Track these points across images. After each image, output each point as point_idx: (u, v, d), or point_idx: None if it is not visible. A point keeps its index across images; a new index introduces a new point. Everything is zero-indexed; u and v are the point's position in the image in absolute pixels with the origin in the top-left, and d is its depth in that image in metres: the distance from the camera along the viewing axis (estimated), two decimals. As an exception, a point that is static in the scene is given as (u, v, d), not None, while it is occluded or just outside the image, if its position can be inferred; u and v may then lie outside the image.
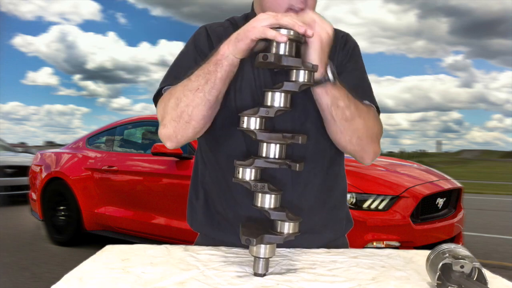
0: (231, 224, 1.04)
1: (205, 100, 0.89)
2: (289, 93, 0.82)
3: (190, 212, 1.13)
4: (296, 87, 0.81)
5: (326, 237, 1.08)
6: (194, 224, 1.12)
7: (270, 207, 0.81)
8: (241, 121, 0.81)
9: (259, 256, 0.81)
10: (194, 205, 1.12)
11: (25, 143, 52.62)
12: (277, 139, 0.81)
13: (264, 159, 0.81)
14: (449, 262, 0.74)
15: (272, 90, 0.82)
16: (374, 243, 3.01)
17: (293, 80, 0.81)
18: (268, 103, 0.82)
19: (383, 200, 3.13)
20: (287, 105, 0.82)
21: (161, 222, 3.93)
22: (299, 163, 0.83)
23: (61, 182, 4.81)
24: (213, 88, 0.88)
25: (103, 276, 0.78)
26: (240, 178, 0.82)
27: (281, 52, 0.80)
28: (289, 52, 0.80)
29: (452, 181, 3.88)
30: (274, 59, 0.78)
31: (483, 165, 75.47)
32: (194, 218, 1.12)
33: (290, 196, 1.01)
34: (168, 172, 3.86)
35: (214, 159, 1.07)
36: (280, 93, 0.81)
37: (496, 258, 4.54)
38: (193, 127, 0.93)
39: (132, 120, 4.81)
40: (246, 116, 0.81)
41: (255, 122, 0.81)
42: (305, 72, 0.81)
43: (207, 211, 1.09)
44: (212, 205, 1.08)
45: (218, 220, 1.07)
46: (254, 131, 0.80)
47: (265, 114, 0.80)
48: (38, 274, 3.75)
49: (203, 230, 1.11)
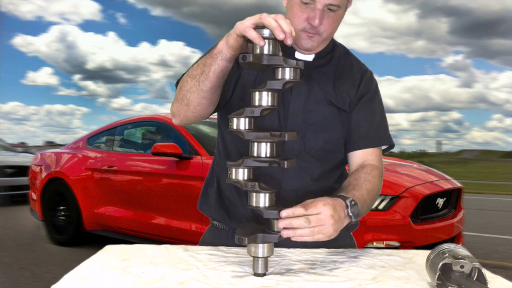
0: (240, 211, 1.08)
1: (199, 89, 0.95)
2: (275, 91, 0.82)
3: (202, 198, 1.18)
4: (280, 85, 0.81)
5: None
6: (205, 208, 1.17)
7: (263, 205, 0.81)
8: (229, 123, 0.82)
9: (257, 255, 0.81)
10: (208, 192, 1.17)
11: (25, 143, 52.65)
12: (264, 138, 0.81)
13: (253, 158, 0.82)
14: (449, 262, 0.74)
15: (258, 90, 0.82)
16: (374, 243, 3.00)
17: (278, 78, 0.81)
18: (255, 102, 0.82)
19: (383, 200, 3.13)
20: (274, 103, 0.82)
21: (161, 222, 3.92)
22: (289, 160, 0.83)
23: (61, 182, 4.80)
24: (206, 79, 0.93)
25: (103, 276, 0.78)
26: (233, 178, 0.82)
27: (264, 51, 0.80)
28: (272, 51, 0.80)
29: (452, 181, 3.87)
30: (254, 59, 0.78)
31: (483, 165, 75.49)
32: (206, 202, 1.17)
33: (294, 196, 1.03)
34: (168, 172, 3.86)
35: (225, 152, 1.13)
36: (266, 92, 0.82)
37: (496, 258, 4.53)
38: (191, 111, 1.00)
39: (132, 120, 4.81)
40: (235, 117, 0.82)
41: (244, 123, 0.81)
42: (290, 70, 0.81)
43: (219, 197, 1.13)
44: (223, 193, 1.12)
45: (227, 205, 1.11)
46: (242, 132, 0.81)
47: (250, 114, 0.81)
48: (38, 274, 3.75)
49: (214, 215, 1.15)
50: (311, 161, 1.07)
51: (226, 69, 0.92)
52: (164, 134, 4.44)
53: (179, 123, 1.07)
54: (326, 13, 1.00)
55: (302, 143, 1.05)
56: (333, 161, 1.11)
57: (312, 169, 1.07)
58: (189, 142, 3.90)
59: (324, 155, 1.09)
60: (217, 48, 0.90)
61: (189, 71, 0.99)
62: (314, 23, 0.99)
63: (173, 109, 1.04)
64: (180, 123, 1.07)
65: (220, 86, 0.98)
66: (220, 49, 0.89)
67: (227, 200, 1.11)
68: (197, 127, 4.23)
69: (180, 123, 1.06)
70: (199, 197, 1.19)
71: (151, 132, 4.68)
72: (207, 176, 1.20)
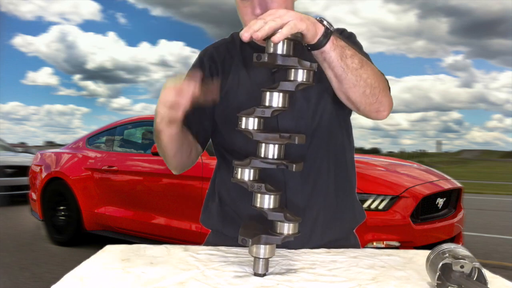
0: (243, 220, 1.05)
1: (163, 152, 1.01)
2: (287, 93, 0.81)
3: (204, 213, 1.17)
4: (293, 87, 0.80)
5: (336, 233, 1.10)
6: (207, 222, 1.16)
7: (267, 207, 0.80)
8: (239, 122, 0.81)
9: (258, 256, 0.81)
10: (209, 206, 1.16)
11: (25, 143, 52.64)
12: (273, 140, 0.80)
13: (261, 159, 0.81)
14: (449, 262, 0.74)
15: (270, 89, 0.81)
16: (374, 243, 3.00)
17: (291, 80, 0.81)
18: (266, 103, 0.81)
19: (383, 200, 3.13)
20: (285, 105, 0.81)
21: (161, 222, 3.93)
22: (297, 163, 0.82)
23: (61, 182, 4.81)
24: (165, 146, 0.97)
25: (103, 276, 0.78)
26: (238, 178, 0.82)
27: (278, 51, 0.79)
28: (286, 51, 0.79)
29: (452, 181, 3.88)
30: (268, 59, 0.77)
31: (483, 165, 75.49)
32: (208, 218, 1.15)
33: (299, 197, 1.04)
34: (168, 172, 3.84)
35: (223, 159, 1.12)
36: (277, 93, 0.81)
37: (496, 258, 4.53)
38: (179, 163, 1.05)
39: (132, 120, 4.81)
40: (244, 116, 0.81)
41: (253, 122, 0.80)
42: (303, 72, 0.80)
43: (221, 212, 1.12)
44: (225, 208, 1.11)
45: (230, 218, 1.09)
46: (251, 132, 0.80)
47: (261, 114, 0.80)
48: (38, 274, 3.75)
49: (216, 227, 1.14)
50: (317, 164, 1.05)
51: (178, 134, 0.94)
52: (164, 134, 4.44)
53: (178, 172, 1.10)
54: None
55: (308, 146, 1.03)
56: (339, 163, 1.09)
57: (318, 173, 1.05)
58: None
59: (329, 157, 1.07)
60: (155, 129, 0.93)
61: None
62: (256, 13, 0.97)
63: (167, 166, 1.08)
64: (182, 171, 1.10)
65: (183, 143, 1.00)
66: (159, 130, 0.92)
67: (230, 214, 1.10)
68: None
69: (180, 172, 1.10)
70: (201, 212, 1.18)
71: (151, 132, 4.67)
72: (208, 191, 1.19)
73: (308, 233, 1.04)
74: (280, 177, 1.03)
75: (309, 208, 1.05)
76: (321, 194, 1.06)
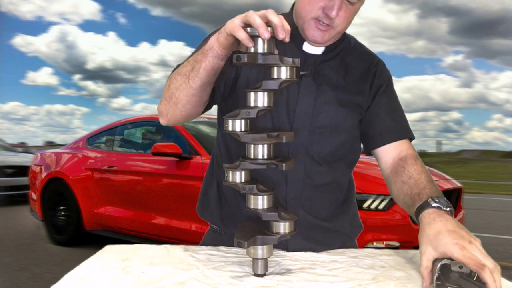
0: (242, 214, 1.04)
1: (188, 87, 0.91)
2: (271, 91, 0.80)
3: (202, 201, 1.15)
4: (276, 85, 0.78)
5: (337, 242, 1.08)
6: (206, 214, 1.13)
7: (261, 208, 0.80)
8: (225, 124, 0.80)
9: (256, 257, 0.81)
10: (208, 194, 1.13)
11: (25, 143, 52.66)
12: (261, 140, 0.79)
13: (250, 161, 0.80)
14: (448, 263, 0.74)
15: (253, 90, 0.80)
16: (374, 243, 3.00)
17: (274, 78, 0.79)
18: (251, 103, 0.80)
19: (383, 200, 3.13)
20: (270, 104, 0.80)
21: (161, 222, 3.92)
22: (287, 162, 0.80)
23: (61, 182, 4.81)
24: (197, 76, 0.89)
25: (103, 276, 0.78)
26: (230, 181, 0.81)
27: (259, 50, 0.77)
28: (267, 50, 0.77)
29: (452, 181, 3.87)
30: (248, 59, 0.75)
31: (483, 165, 75.49)
32: (207, 208, 1.13)
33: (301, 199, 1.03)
34: (168, 172, 3.86)
35: (227, 153, 1.08)
36: (261, 93, 0.79)
37: (496, 258, 4.48)
38: (179, 110, 0.95)
39: (132, 120, 4.81)
40: (230, 119, 0.79)
41: (239, 124, 0.79)
42: (286, 69, 0.78)
43: (220, 200, 1.10)
44: (224, 195, 1.09)
45: (228, 209, 1.08)
46: (238, 134, 0.79)
47: (246, 116, 0.79)
48: (38, 274, 3.75)
49: (215, 220, 1.11)
50: (317, 166, 1.03)
51: (217, 67, 0.88)
52: (164, 134, 4.44)
53: (166, 123, 1.01)
54: (344, 5, 0.93)
55: (308, 147, 1.01)
56: (341, 166, 1.07)
57: (318, 175, 1.03)
58: (189, 142, 3.90)
59: (331, 160, 1.04)
60: (208, 44, 0.86)
61: (178, 69, 0.94)
62: (331, 14, 0.92)
63: (161, 108, 0.99)
64: (168, 123, 1.01)
65: (211, 84, 0.93)
66: (211, 46, 0.85)
67: (228, 203, 1.08)
68: (197, 127, 4.23)
69: (168, 123, 1.01)
70: (199, 199, 1.15)
71: (151, 132, 4.68)
72: (206, 177, 1.16)
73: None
74: (279, 181, 1.01)
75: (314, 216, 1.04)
76: (320, 199, 1.05)
